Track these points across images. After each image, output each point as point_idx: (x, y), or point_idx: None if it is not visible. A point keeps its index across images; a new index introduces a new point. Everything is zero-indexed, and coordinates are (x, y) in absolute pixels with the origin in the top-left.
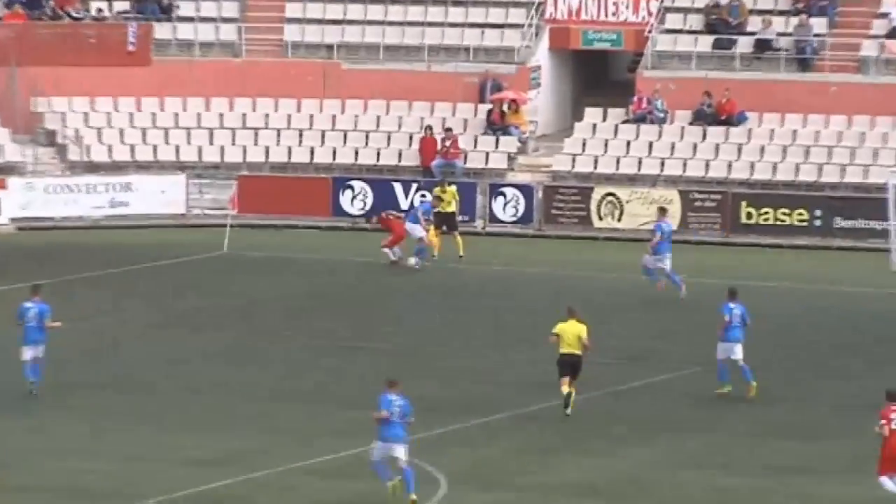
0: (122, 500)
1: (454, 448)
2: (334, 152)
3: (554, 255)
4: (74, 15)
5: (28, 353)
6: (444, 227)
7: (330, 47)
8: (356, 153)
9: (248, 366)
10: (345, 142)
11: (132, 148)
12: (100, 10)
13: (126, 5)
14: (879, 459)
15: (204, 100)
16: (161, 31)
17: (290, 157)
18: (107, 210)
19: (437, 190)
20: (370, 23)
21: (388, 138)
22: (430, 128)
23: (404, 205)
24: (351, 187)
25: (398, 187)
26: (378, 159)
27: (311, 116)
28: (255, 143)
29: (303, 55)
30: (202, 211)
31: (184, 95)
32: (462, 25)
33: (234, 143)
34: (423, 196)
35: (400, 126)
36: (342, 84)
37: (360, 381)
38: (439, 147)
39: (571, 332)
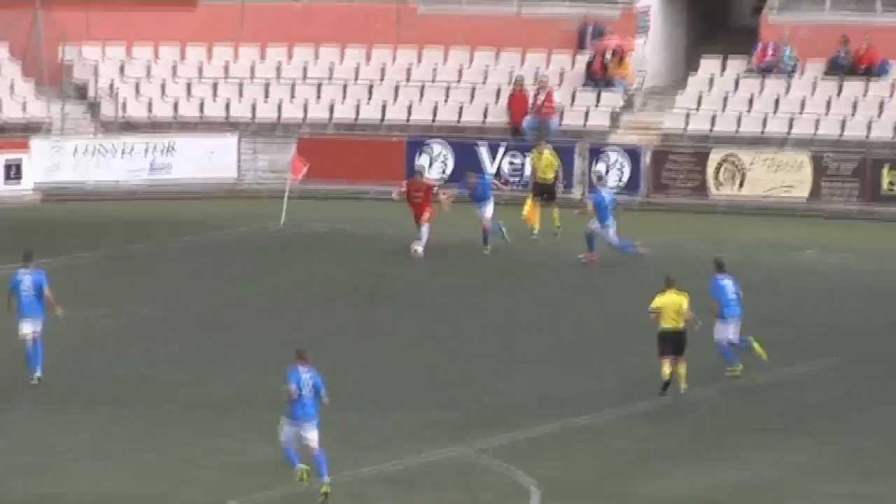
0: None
1: (548, 453)
2: (409, 109)
3: (664, 228)
4: None
5: (27, 328)
6: (543, 197)
7: None
8: (434, 110)
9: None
10: (421, 97)
11: (175, 103)
12: None
13: None
14: None
15: (258, 48)
16: None
17: (358, 115)
18: (145, 175)
19: (532, 154)
20: None
21: (472, 93)
22: (520, 80)
23: (489, 169)
24: (428, 150)
25: (483, 150)
26: (460, 117)
27: (383, 67)
28: (318, 99)
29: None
30: (256, 177)
31: (235, 42)
32: None
33: (293, 99)
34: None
35: (485, 78)
36: (418, 30)
37: (432, 378)
38: (531, 103)
39: (671, 305)
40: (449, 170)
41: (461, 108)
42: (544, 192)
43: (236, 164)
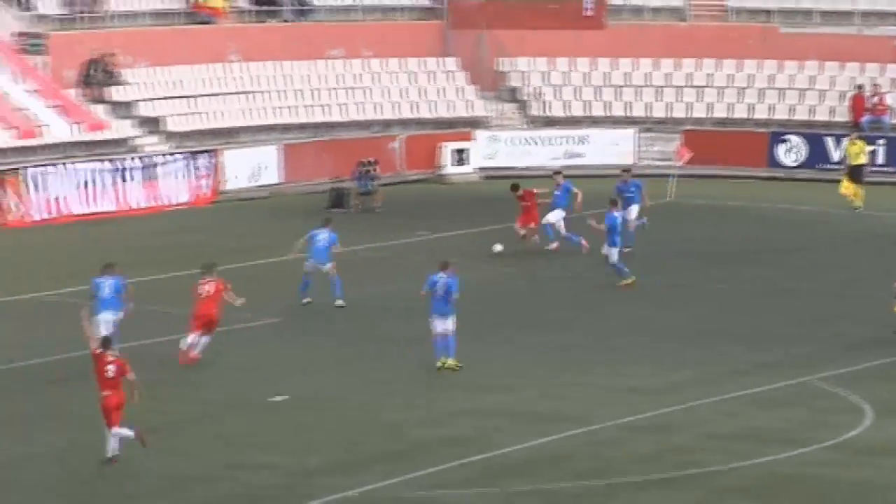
0: (582, 424)
1: (876, 382)
2: (771, 109)
3: None
4: None
5: (309, 267)
6: (854, 179)
7: (769, 12)
8: (792, 110)
9: (679, 307)
10: (781, 99)
11: (587, 104)
12: None
13: None
14: None
15: (653, 60)
16: None
17: (730, 113)
18: (563, 160)
19: (847, 144)
20: None
21: (822, 96)
22: (860, 86)
23: (834, 157)
24: (786, 140)
25: (829, 141)
26: (812, 115)
27: (751, 76)
28: (699, 100)
29: (744, 20)
30: (650, 161)
31: (635, 56)
32: None
33: (679, 100)
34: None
35: (833, 85)
36: (779, 46)
37: (793, 322)
38: (868, 104)
39: None
40: (802, 157)
41: (813, 109)
42: (855, 174)
43: (634, 151)
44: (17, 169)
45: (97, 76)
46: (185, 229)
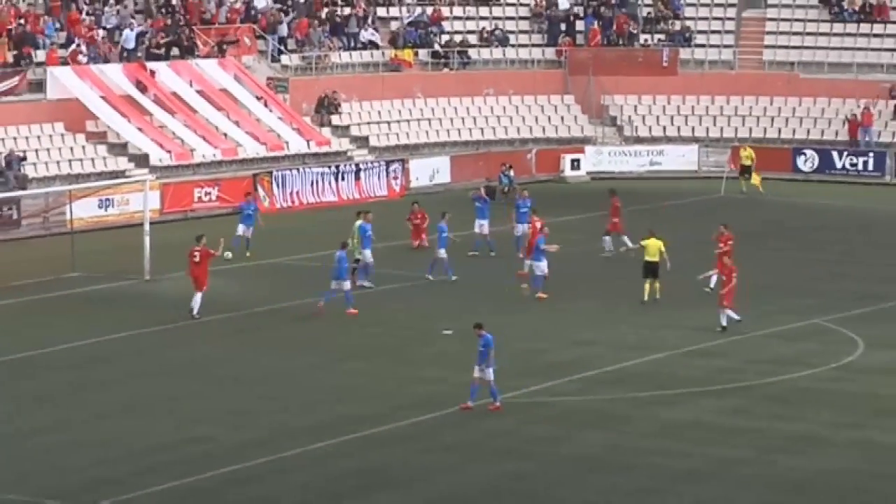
0: (650, 351)
1: (871, 325)
2: (794, 131)
3: None
4: (638, 42)
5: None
6: None
7: (793, 63)
8: (808, 132)
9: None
10: (801, 124)
11: (664, 127)
12: (646, 40)
13: (659, 37)
14: None
15: (710, 97)
16: (683, 53)
17: (765, 134)
18: (647, 167)
19: (741, 150)
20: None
21: (829, 122)
22: (855, 115)
23: (838, 165)
24: (804, 153)
25: (834, 154)
26: (822, 136)
27: (780, 108)
28: (743, 125)
29: (775, 69)
30: (708, 168)
31: (697, 94)
32: None
33: (729, 125)
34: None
35: (837, 114)
36: (800, 87)
37: (802, 276)
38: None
39: (653, 246)
40: (815, 165)
41: (823, 131)
42: (744, 171)
43: (697, 160)
44: (268, 172)
45: (325, 107)
46: (383, 215)
